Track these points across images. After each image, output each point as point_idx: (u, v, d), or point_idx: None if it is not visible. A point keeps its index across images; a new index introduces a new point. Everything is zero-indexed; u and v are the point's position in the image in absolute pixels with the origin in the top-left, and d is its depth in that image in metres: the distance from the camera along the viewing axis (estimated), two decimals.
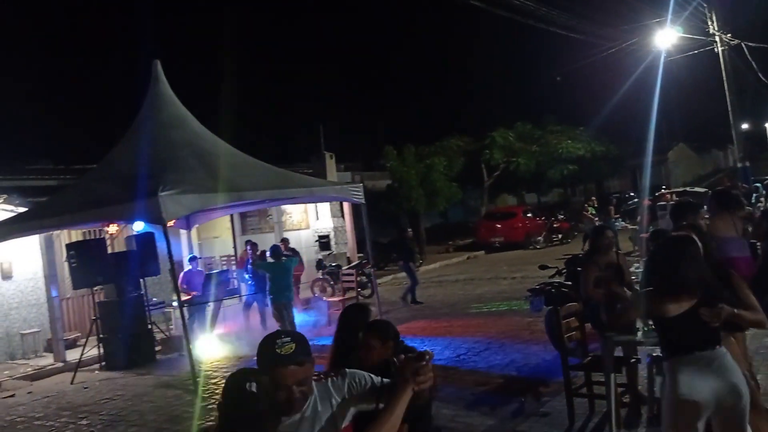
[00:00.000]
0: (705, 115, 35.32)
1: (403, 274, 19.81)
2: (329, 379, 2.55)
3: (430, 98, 39.35)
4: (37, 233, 10.90)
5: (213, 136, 10.79)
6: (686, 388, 3.47)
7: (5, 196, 11.87)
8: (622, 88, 23.50)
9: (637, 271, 6.79)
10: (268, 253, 11.20)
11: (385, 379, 2.56)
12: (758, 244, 5.62)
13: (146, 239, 10.89)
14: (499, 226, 24.53)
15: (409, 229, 16.04)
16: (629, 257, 10.59)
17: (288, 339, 2.35)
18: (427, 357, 2.35)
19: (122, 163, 9.86)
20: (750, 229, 5.91)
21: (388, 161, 23.97)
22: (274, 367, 2.31)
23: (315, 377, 2.50)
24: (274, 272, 10.49)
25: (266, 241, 13.86)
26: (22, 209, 11.26)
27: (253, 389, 2.24)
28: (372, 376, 2.58)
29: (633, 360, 5.59)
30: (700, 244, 3.83)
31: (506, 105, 32.43)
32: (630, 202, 28.55)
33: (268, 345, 2.36)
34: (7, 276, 11.78)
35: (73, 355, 10.67)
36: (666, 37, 18.30)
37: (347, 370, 2.60)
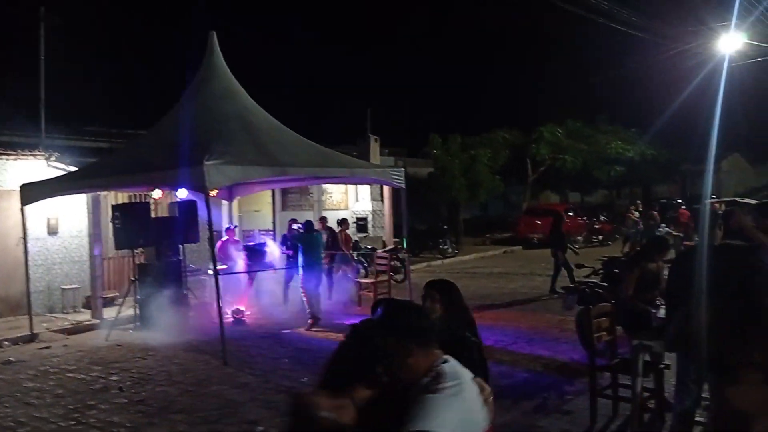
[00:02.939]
0: (764, 126, 34.09)
1: (438, 262, 19.93)
2: None
3: (481, 89, 39.02)
4: (85, 192, 11.26)
5: (262, 110, 10.92)
6: None
7: (57, 154, 12.24)
8: (680, 92, 22.77)
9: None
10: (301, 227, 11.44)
11: None
12: None
13: (189, 206, 11.12)
14: (539, 222, 24.26)
15: (567, 215, 15.24)
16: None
17: None
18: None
19: (172, 131, 10.07)
20: None
21: (433, 149, 23.88)
22: None
23: None
24: (306, 244, 10.68)
25: (305, 219, 14.00)
26: (72, 168, 11.59)
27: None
28: None
29: (662, 366, 5.52)
30: None
31: (558, 101, 31.76)
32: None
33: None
34: (53, 231, 12.16)
35: (109, 314, 10.99)
36: (731, 43, 17.68)
37: None
